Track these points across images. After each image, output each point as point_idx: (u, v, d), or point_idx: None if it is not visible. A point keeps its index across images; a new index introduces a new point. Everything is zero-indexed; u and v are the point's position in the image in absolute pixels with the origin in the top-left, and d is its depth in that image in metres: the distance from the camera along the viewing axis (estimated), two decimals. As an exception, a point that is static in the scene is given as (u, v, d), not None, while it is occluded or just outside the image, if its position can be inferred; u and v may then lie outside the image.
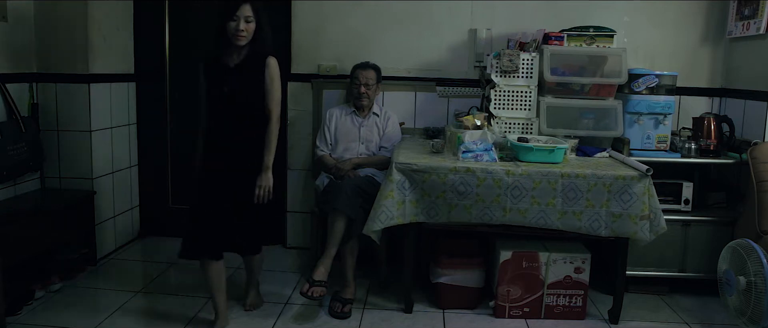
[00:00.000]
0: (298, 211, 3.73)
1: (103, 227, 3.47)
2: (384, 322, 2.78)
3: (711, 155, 3.07)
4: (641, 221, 2.59)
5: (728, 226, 3.02)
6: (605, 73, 3.14)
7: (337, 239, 2.78)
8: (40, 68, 3.23)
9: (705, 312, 2.97)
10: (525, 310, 2.83)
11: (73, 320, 2.68)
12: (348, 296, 2.87)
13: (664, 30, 3.48)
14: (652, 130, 3.09)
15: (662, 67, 3.40)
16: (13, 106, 2.98)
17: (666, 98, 3.07)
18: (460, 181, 2.61)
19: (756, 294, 2.37)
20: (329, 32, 3.56)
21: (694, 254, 3.07)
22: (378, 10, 3.53)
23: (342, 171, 3.09)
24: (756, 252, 2.41)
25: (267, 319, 2.77)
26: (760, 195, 2.71)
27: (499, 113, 3.11)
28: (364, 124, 3.28)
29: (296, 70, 3.61)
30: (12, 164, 2.93)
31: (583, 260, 2.79)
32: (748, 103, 3.21)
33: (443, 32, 3.53)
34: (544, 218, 2.62)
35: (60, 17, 3.20)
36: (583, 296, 2.82)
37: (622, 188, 2.59)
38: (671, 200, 3.06)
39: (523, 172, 2.60)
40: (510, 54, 3.08)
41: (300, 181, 3.70)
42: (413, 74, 3.57)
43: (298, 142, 3.66)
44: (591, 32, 3.16)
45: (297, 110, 3.64)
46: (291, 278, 3.28)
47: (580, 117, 3.09)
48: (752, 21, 3.11)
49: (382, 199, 2.64)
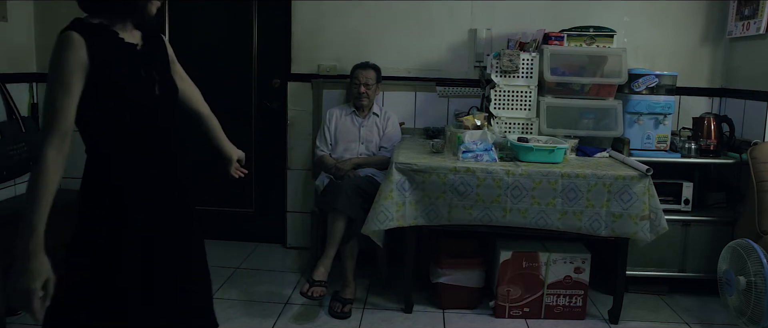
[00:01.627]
0: (298, 211, 3.73)
1: (103, 227, 3.46)
2: (384, 322, 2.78)
3: (711, 155, 3.07)
4: (641, 221, 2.59)
5: (728, 226, 3.02)
6: (605, 73, 3.14)
7: (337, 239, 2.78)
8: (40, 68, 3.23)
9: (705, 312, 2.97)
10: (525, 310, 2.83)
11: (73, 320, 2.67)
12: (348, 296, 2.86)
13: (664, 30, 3.48)
14: (652, 130, 3.09)
15: (662, 67, 3.40)
16: (13, 106, 2.98)
17: (666, 98, 3.07)
18: (460, 181, 2.61)
19: (756, 294, 2.37)
20: (329, 32, 3.56)
21: (694, 254, 3.07)
22: (378, 10, 3.52)
23: (342, 171, 3.09)
24: (756, 252, 2.41)
25: (267, 319, 2.77)
26: (760, 195, 2.71)
27: (499, 113, 3.11)
28: (364, 124, 3.28)
29: (296, 70, 3.61)
30: (12, 164, 2.93)
31: (583, 260, 2.79)
32: (748, 103, 3.21)
33: (443, 32, 3.53)
34: (545, 218, 2.62)
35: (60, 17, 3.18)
36: (583, 296, 2.82)
37: (622, 188, 2.59)
38: (671, 200, 3.06)
39: (523, 172, 2.60)
40: (510, 54, 3.08)
41: (300, 181, 3.70)
42: (413, 74, 3.57)
43: (298, 142, 3.66)
44: (591, 32, 3.16)
45: (297, 110, 3.64)
46: (291, 278, 3.28)
47: (580, 117, 3.09)
48: (752, 21, 3.11)
49: (382, 199, 2.64)
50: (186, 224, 1.56)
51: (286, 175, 3.70)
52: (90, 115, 1.37)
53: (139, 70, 1.44)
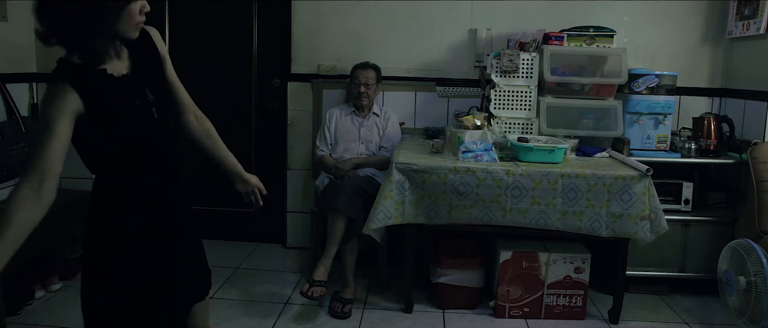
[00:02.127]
0: (298, 211, 3.73)
1: (103, 227, 3.46)
2: (384, 322, 2.78)
3: (711, 155, 3.07)
4: (642, 221, 2.59)
5: (728, 226, 3.02)
6: (605, 73, 3.14)
7: (337, 239, 2.78)
8: (40, 68, 3.22)
9: (705, 312, 2.97)
10: (525, 310, 2.83)
11: (73, 320, 2.66)
12: (348, 296, 2.86)
13: (664, 30, 3.48)
14: (652, 130, 3.09)
15: (662, 67, 3.40)
16: (13, 106, 2.98)
17: (666, 98, 3.07)
18: (460, 181, 2.61)
19: (756, 294, 2.37)
20: (329, 32, 3.56)
21: (694, 254, 3.07)
22: (378, 10, 3.52)
23: (342, 171, 3.09)
24: (756, 252, 2.41)
25: (267, 319, 2.77)
26: (760, 195, 2.71)
27: (499, 113, 3.11)
28: (364, 124, 3.28)
29: (296, 70, 3.61)
30: (12, 164, 2.93)
31: (583, 260, 2.79)
32: (748, 103, 3.21)
33: (443, 32, 3.53)
34: (545, 218, 2.62)
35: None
36: (583, 296, 2.82)
37: (622, 188, 2.59)
38: (671, 200, 3.06)
39: (523, 172, 2.60)
40: (510, 54, 3.08)
41: (300, 181, 3.70)
42: (413, 74, 3.57)
43: (298, 142, 3.66)
44: (591, 32, 3.16)
45: (297, 110, 3.64)
46: (291, 278, 3.28)
47: (580, 117, 3.09)
48: (752, 21, 3.11)
49: (382, 199, 2.64)
50: (183, 224, 1.61)
51: (286, 175, 3.70)
52: (88, 146, 1.40)
53: (134, 101, 1.43)
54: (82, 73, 1.33)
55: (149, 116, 1.45)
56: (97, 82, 1.35)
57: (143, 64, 1.48)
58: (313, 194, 3.45)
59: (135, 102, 1.43)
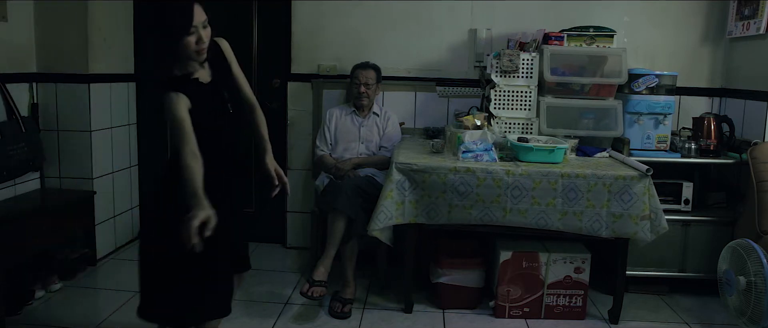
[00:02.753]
0: (298, 211, 3.73)
1: (103, 227, 3.47)
2: (384, 322, 2.78)
3: (711, 155, 3.07)
4: (642, 221, 2.59)
5: (728, 226, 3.02)
6: (605, 73, 3.14)
7: (337, 239, 2.78)
8: (40, 68, 3.22)
9: (705, 312, 2.97)
10: (525, 310, 2.83)
11: (73, 320, 2.67)
12: (348, 296, 2.87)
13: (664, 30, 3.48)
14: (652, 130, 3.09)
15: (662, 67, 3.40)
16: (13, 106, 2.98)
17: (666, 98, 3.07)
18: (460, 181, 2.61)
19: (756, 294, 2.37)
20: (329, 32, 3.56)
21: (694, 254, 3.07)
22: (378, 10, 3.52)
23: (342, 171, 3.09)
24: (756, 252, 2.41)
25: (267, 319, 2.77)
26: (760, 195, 2.71)
27: (499, 113, 3.11)
28: (364, 124, 3.28)
29: (296, 70, 3.61)
30: (12, 164, 2.93)
31: (583, 260, 2.79)
32: (748, 103, 3.21)
33: (443, 32, 3.53)
34: (545, 218, 2.62)
35: (60, 17, 3.20)
36: (583, 296, 2.82)
37: (622, 188, 2.59)
38: (671, 200, 3.06)
39: (523, 172, 2.60)
40: (510, 54, 3.08)
41: (300, 181, 3.70)
42: (413, 74, 3.57)
43: (298, 142, 3.66)
44: (591, 32, 3.16)
45: (297, 110, 3.64)
46: (291, 278, 3.28)
47: (580, 117, 3.09)
48: (752, 21, 3.11)
49: (382, 199, 2.64)
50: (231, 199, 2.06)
51: (286, 175, 3.69)
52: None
53: (217, 100, 1.91)
54: (183, 81, 1.82)
55: (225, 111, 1.94)
56: (193, 87, 1.83)
57: (219, 72, 1.96)
58: (313, 194, 3.45)
59: (217, 101, 1.91)
